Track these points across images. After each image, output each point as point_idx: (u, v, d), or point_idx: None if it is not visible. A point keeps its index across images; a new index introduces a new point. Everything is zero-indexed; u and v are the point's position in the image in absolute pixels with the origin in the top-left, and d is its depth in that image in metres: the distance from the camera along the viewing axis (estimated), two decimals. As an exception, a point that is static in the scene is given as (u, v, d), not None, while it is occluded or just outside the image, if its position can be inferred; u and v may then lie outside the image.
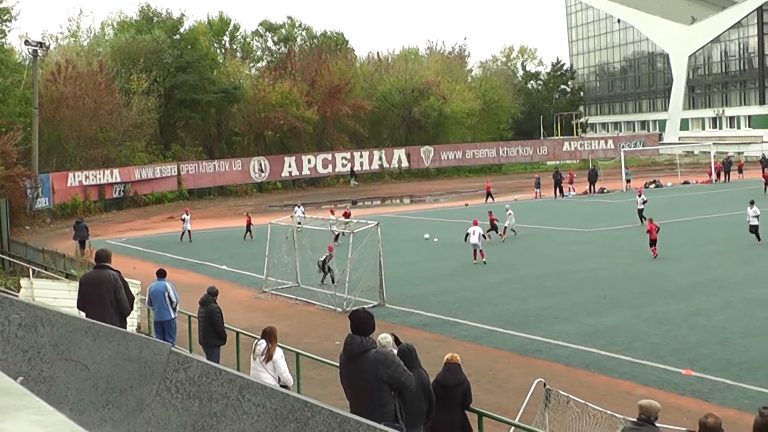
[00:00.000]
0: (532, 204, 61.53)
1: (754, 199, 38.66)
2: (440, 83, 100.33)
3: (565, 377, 18.88)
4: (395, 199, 74.51)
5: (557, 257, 36.36)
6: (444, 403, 12.54)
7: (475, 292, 29.74)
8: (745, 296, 26.79)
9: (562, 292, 28.92)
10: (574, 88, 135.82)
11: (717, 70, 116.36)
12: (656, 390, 17.80)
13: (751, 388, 17.93)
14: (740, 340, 21.70)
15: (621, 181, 69.72)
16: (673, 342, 21.77)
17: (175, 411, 5.96)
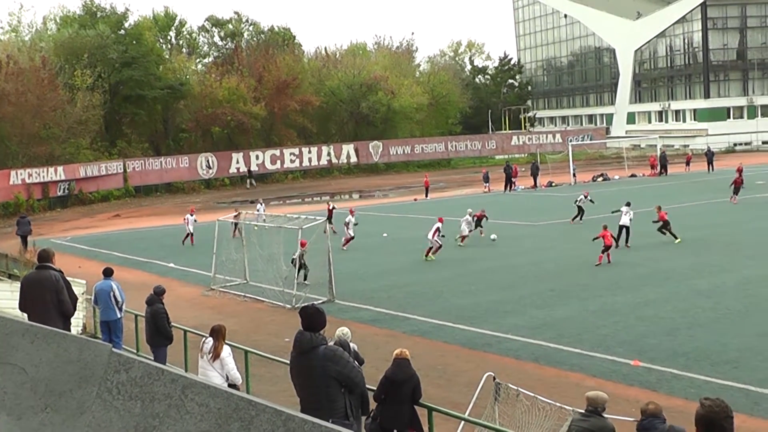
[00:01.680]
0: (482, 198, 61.72)
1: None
2: (388, 78, 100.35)
3: (514, 370, 18.92)
4: (344, 194, 74.36)
5: (506, 251, 36.50)
6: (393, 398, 12.52)
7: (425, 287, 29.76)
8: (691, 287, 27.07)
9: (511, 286, 29.03)
10: (522, 83, 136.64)
11: (662, 65, 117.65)
12: (605, 381, 17.91)
13: (697, 377, 18.11)
14: (687, 330, 21.91)
15: (569, 174, 70.15)
16: (621, 333, 21.94)
17: (117, 413, 5.83)
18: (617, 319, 23.48)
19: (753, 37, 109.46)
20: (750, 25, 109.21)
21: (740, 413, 15.66)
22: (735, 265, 30.40)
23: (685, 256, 32.70)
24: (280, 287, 29.06)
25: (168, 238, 48.08)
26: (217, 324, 15.30)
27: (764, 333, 21.21)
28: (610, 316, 23.76)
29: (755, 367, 18.62)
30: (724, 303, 24.72)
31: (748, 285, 27.02)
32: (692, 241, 35.56)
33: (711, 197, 49.31)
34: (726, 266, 30.23)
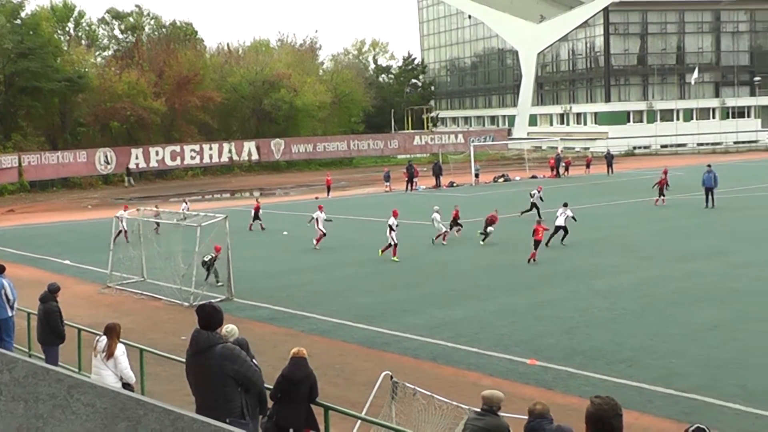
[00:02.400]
0: (383, 198, 61.90)
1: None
2: (291, 76, 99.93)
3: (412, 369, 18.95)
4: (245, 192, 73.80)
5: (407, 251, 36.57)
6: (290, 397, 12.43)
7: (325, 286, 29.67)
8: (589, 287, 27.51)
9: (411, 285, 29.12)
10: (425, 83, 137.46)
11: (565, 68, 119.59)
12: (502, 380, 18.04)
13: (593, 375, 18.38)
14: (584, 329, 22.24)
15: (470, 175, 70.72)
16: (518, 332, 22.16)
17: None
18: (515, 318, 23.72)
19: (653, 43, 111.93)
20: (650, 31, 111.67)
21: (633, 410, 15.98)
22: (632, 266, 31.00)
23: (584, 256, 33.23)
24: (178, 285, 28.65)
25: (64, 234, 47.09)
26: (111, 322, 14.98)
27: (658, 333, 21.63)
28: (509, 316, 24.00)
29: (649, 365, 18.98)
30: (620, 303, 25.16)
31: (644, 285, 27.55)
32: (591, 242, 36.12)
33: (610, 199, 50.25)
34: (623, 267, 30.81)
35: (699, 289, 26.69)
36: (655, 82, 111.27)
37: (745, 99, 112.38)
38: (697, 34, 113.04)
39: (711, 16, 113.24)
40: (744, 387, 17.31)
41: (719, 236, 37.24)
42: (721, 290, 26.43)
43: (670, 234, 38.34)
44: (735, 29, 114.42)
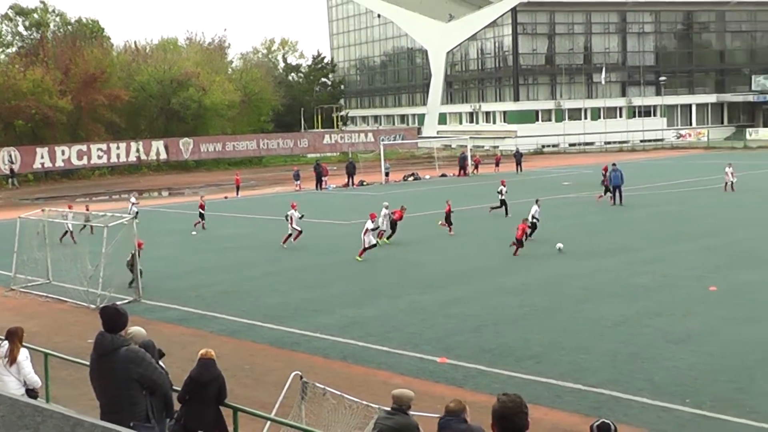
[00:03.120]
0: (293, 197, 61.64)
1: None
2: (200, 74, 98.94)
3: (323, 369, 18.86)
4: (153, 191, 72.86)
5: (318, 249, 36.49)
6: (198, 398, 12.27)
7: (234, 286, 29.39)
8: (498, 285, 27.73)
9: (321, 285, 29.02)
10: (335, 82, 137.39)
11: (474, 67, 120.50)
12: (412, 378, 18.06)
13: (502, 372, 18.51)
14: (493, 327, 22.40)
15: (380, 173, 70.83)
16: (429, 331, 22.22)
17: None
18: (425, 317, 23.78)
19: (561, 43, 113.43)
20: (558, 31, 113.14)
21: (542, 406, 16.14)
22: (539, 263, 31.34)
23: (492, 254, 33.48)
24: (85, 287, 28.09)
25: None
26: (13, 326, 14.57)
27: (566, 329, 21.90)
28: (419, 314, 24.05)
29: (557, 361, 19.19)
30: (529, 300, 25.41)
31: (553, 282, 27.89)
32: (499, 240, 36.37)
33: (519, 197, 50.66)
34: (532, 264, 31.13)
35: (606, 286, 27.10)
36: (563, 82, 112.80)
37: (651, 98, 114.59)
38: (603, 35, 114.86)
39: (617, 17, 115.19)
40: (650, 380, 17.60)
41: (625, 233, 37.86)
42: (628, 286, 26.87)
43: (578, 231, 38.89)
44: (641, 30, 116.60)
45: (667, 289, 26.26)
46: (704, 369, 18.30)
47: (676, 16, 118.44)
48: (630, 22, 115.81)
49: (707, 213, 43.83)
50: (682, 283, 27.02)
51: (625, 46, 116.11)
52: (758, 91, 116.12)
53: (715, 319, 22.49)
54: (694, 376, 17.90)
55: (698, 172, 67.56)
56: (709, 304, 24.11)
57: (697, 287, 26.26)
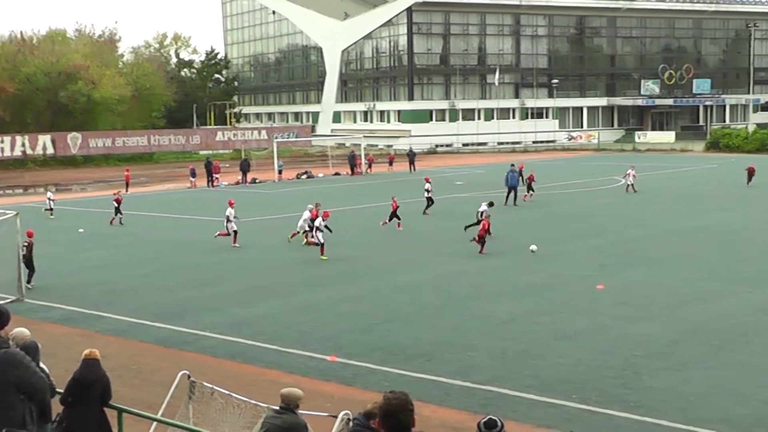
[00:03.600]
0: (186, 194, 60.92)
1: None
2: (89, 67, 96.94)
3: (212, 368, 18.59)
4: (39, 187, 70.99)
5: (206, 248, 36.01)
6: (81, 400, 11.92)
7: (121, 284, 28.78)
8: (389, 283, 27.76)
9: (211, 283, 28.63)
10: (229, 78, 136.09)
11: (369, 66, 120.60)
12: (302, 377, 17.93)
13: (392, 370, 18.51)
14: (383, 325, 22.39)
15: (273, 171, 70.41)
16: (319, 329, 22.10)
17: None
18: (316, 315, 23.66)
19: (455, 43, 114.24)
20: (453, 31, 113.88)
21: (431, 404, 16.20)
22: (431, 261, 31.50)
23: (385, 252, 33.51)
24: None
25: None
26: None
27: (456, 327, 22.01)
28: (310, 313, 23.91)
29: (447, 359, 19.27)
30: (419, 298, 25.48)
31: (443, 281, 28.06)
32: (392, 239, 36.44)
33: (412, 196, 50.83)
34: (423, 263, 31.25)
35: (496, 284, 27.36)
36: (457, 82, 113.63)
37: (543, 100, 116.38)
38: (498, 37, 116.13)
39: (511, 20, 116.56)
40: (538, 377, 17.81)
41: (517, 232, 38.28)
42: (518, 285, 27.18)
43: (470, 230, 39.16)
44: (534, 33, 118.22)
45: (556, 288, 26.62)
46: (591, 365, 18.59)
47: (568, 20, 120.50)
48: (524, 25, 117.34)
49: (597, 213, 44.62)
50: (570, 282, 27.43)
51: (518, 48, 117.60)
52: (647, 95, 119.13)
53: (602, 316, 22.87)
54: (580, 372, 18.16)
55: (589, 173, 68.86)
56: (597, 303, 24.52)
57: (585, 286, 26.68)
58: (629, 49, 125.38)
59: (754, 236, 36.27)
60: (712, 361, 18.81)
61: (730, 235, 36.47)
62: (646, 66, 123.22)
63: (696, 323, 21.99)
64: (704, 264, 30.08)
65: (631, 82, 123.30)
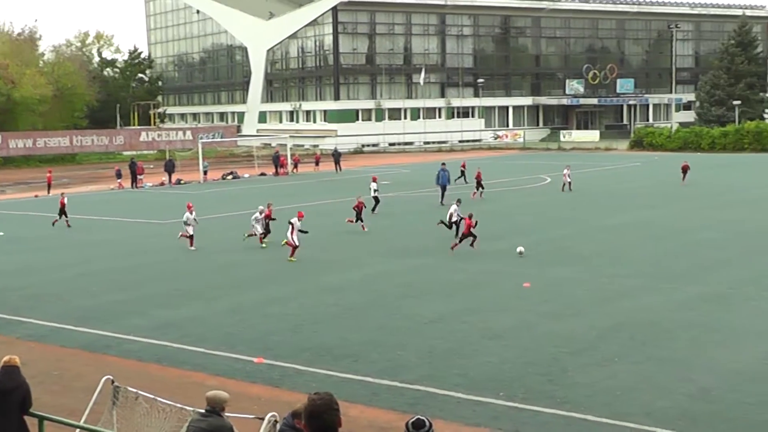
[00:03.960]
0: (111, 195, 60.11)
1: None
2: (8, 66, 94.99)
3: (136, 373, 18.30)
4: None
5: (131, 250, 35.54)
6: (0, 409, 11.65)
7: (43, 289, 28.20)
8: (317, 284, 27.64)
9: (135, 286, 28.19)
10: (153, 78, 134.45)
11: (294, 66, 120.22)
12: (228, 380, 17.77)
13: (319, 371, 18.43)
14: (311, 326, 22.27)
15: (199, 172, 69.81)
16: (246, 331, 21.91)
17: None
18: (243, 317, 23.45)
19: (381, 43, 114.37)
20: (379, 31, 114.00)
21: (359, 404, 16.16)
22: (360, 261, 31.45)
23: (313, 253, 33.30)
24: None
25: None
26: None
27: (383, 326, 21.99)
28: (236, 315, 23.69)
29: (375, 359, 19.23)
30: (347, 299, 25.41)
31: (371, 281, 28.05)
32: (321, 239, 36.27)
33: (339, 196, 50.83)
34: (351, 263, 31.20)
35: (424, 283, 27.39)
36: (383, 82, 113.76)
37: (469, 100, 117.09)
38: (423, 36, 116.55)
39: (437, 19, 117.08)
40: (465, 376, 17.85)
41: (444, 231, 38.28)
42: (445, 284, 27.23)
43: (397, 229, 39.24)
44: (459, 33, 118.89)
45: (484, 286, 26.76)
46: (518, 363, 18.69)
47: (493, 20, 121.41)
48: (449, 25, 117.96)
49: (524, 211, 44.97)
50: (497, 280, 27.60)
51: (444, 48, 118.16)
52: (571, 94, 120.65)
53: (528, 314, 23.03)
54: (507, 369, 18.25)
55: (515, 172, 69.46)
56: (523, 300, 24.68)
57: (512, 284, 26.85)
58: (554, 49, 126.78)
59: (679, 233, 36.83)
60: (637, 356, 19.02)
61: (655, 232, 36.99)
62: (570, 66, 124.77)
63: (621, 319, 22.24)
64: (629, 260, 30.47)
65: (556, 81, 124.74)
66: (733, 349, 19.53)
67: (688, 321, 22.05)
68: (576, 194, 51.26)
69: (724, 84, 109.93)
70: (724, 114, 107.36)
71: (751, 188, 53.97)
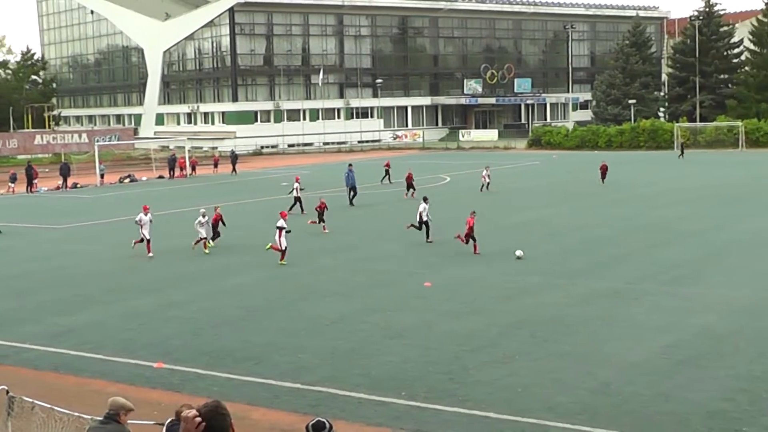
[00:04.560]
0: (4, 200, 58.67)
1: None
2: None
3: (33, 382, 17.93)
4: None
5: (27, 256, 34.74)
6: None
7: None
8: (217, 286, 27.50)
9: (29, 293, 27.51)
10: (47, 80, 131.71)
11: (192, 67, 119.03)
12: (128, 386, 17.52)
13: (220, 375, 18.30)
14: (212, 329, 22.09)
15: (95, 175, 68.59)
16: (145, 336, 21.61)
17: None
18: (142, 321, 23.13)
19: (279, 44, 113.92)
20: (276, 32, 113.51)
21: (261, 407, 16.13)
22: (258, 263, 31.20)
23: (213, 256, 33.01)
24: None
25: None
26: None
27: (285, 328, 21.93)
28: (135, 319, 23.34)
29: (276, 361, 19.16)
30: (248, 301, 25.26)
31: (271, 282, 28.00)
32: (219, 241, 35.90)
33: (238, 198, 50.51)
34: (250, 265, 30.98)
35: (325, 284, 27.37)
36: (281, 83, 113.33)
37: (368, 100, 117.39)
38: (321, 37, 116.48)
39: (334, 20, 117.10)
40: (367, 375, 17.91)
41: (344, 233, 38.34)
42: (347, 284, 27.26)
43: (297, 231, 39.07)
44: (357, 33, 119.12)
45: (385, 286, 26.86)
46: (419, 362, 18.81)
47: (391, 20, 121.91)
48: (347, 25, 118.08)
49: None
50: (398, 280, 27.73)
51: (342, 48, 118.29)
52: (470, 94, 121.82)
53: (429, 313, 23.19)
54: (409, 369, 18.35)
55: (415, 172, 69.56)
56: (424, 299, 24.85)
57: (413, 283, 27.01)
58: (452, 49, 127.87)
59: (577, 229, 37.47)
60: (538, 353, 19.31)
61: (554, 229, 37.55)
62: (468, 66, 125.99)
63: (521, 316, 22.55)
64: (529, 258, 30.78)
65: (455, 81, 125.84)
66: (631, 343, 19.97)
67: (588, 316, 22.46)
68: (477, 193, 51.63)
69: (619, 83, 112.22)
70: (620, 113, 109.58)
71: (647, 185, 55.15)
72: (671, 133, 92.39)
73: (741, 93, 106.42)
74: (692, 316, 22.29)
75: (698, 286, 26.03)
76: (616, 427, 14.94)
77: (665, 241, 33.97)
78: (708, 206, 44.15)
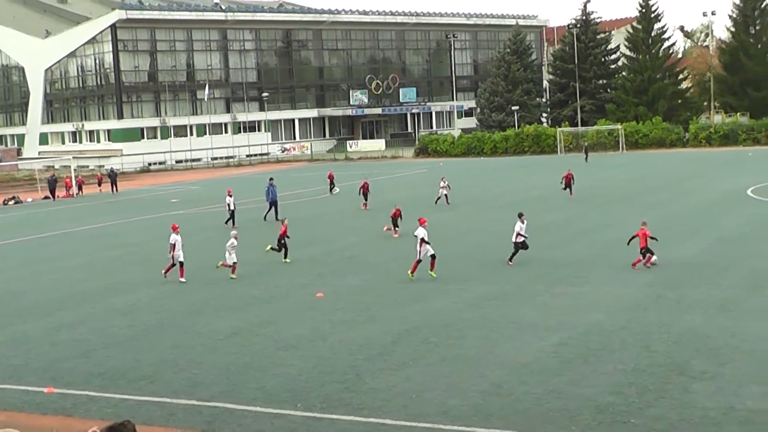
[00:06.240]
0: None
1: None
2: None
3: None
4: None
5: None
6: None
7: None
8: (107, 306, 26.94)
9: None
10: None
11: (75, 85, 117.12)
12: (17, 413, 17.13)
13: (114, 396, 17.97)
14: (103, 350, 21.69)
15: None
16: (34, 361, 21.10)
17: None
18: (30, 346, 22.56)
19: (163, 60, 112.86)
20: (160, 48, 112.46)
21: (156, 426, 15.94)
22: (148, 281, 30.79)
23: (98, 276, 32.45)
24: None
25: None
26: None
27: (179, 345, 21.68)
28: (22, 344, 22.75)
29: (170, 379, 18.93)
30: (139, 319, 24.90)
31: (163, 300, 27.58)
32: (101, 261, 35.32)
33: (122, 217, 49.74)
34: (141, 283, 30.50)
35: (218, 299, 27.13)
36: (167, 99, 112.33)
37: (255, 114, 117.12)
38: (205, 52, 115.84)
39: (218, 35, 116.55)
40: (263, 389, 17.83)
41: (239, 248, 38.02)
42: (240, 298, 27.07)
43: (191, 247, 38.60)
44: (242, 47, 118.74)
45: (277, 299, 26.79)
46: (314, 372, 18.81)
47: (275, 33, 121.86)
48: (231, 40, 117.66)
49: (312, 223, 45.12)
50: (291, 292, 27.68)
51: (227, 63, 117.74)
52: (356, 105, 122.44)
53: (322, 323, 23.20)
54: (304, 380, 18.34)
55: (304, 184, 69.81)
56: (317, 310, 24.85)
57: (305, 295, 27.01)
58: (336, 61, 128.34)
59: (465, 235, 37.92)
60: (431, 358, 19.51)
61: (442, 235, 37.81)
62: (353, 77, 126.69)
63: (414, 323, 22.72)
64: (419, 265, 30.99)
65: (341, 92, 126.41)
66: (522, 343, 20.31)
67: (479, 320, 22.76)
68: (360, 202, 51.17)
69: (502, 90, 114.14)
70: (504, 119, 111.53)
71: (531, 189, 56.10)
72: (554, 137, 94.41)
73: (619, 97, 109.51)
74: (581, 314, 22.79)
75: (586, 285, 26.63)
76: (509, 427, 15.18)
77: (553, 243, 34.61)
78: (594, 207, 45.18)
